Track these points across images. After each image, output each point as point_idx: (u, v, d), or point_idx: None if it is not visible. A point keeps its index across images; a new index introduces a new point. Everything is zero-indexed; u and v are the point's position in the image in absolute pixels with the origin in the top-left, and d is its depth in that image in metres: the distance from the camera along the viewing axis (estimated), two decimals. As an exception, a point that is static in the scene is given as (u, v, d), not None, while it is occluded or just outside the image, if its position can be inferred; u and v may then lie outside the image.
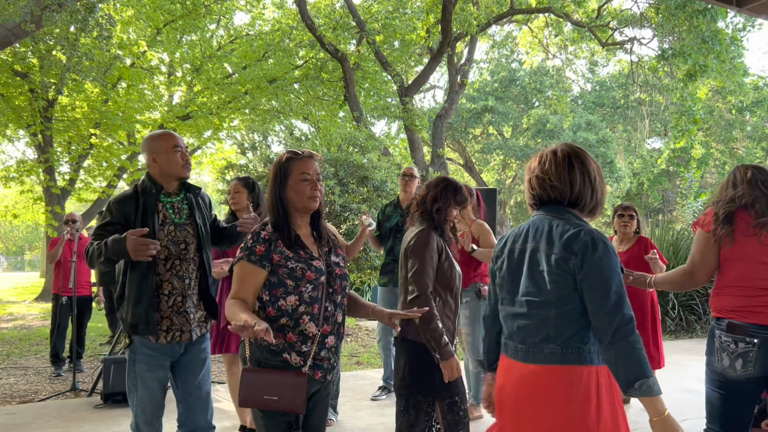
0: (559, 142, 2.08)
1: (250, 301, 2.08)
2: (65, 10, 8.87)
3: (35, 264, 44.38)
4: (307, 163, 2.17)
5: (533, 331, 1.90)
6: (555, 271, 1.87)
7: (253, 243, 2.10)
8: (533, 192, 2.04)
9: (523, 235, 2.02)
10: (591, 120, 24.35)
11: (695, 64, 11.13)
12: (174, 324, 2.65)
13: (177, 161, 2.69)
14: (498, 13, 14.15)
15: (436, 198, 2.82)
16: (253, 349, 2.07)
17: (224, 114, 15.85)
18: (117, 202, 2.65)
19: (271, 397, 1.97)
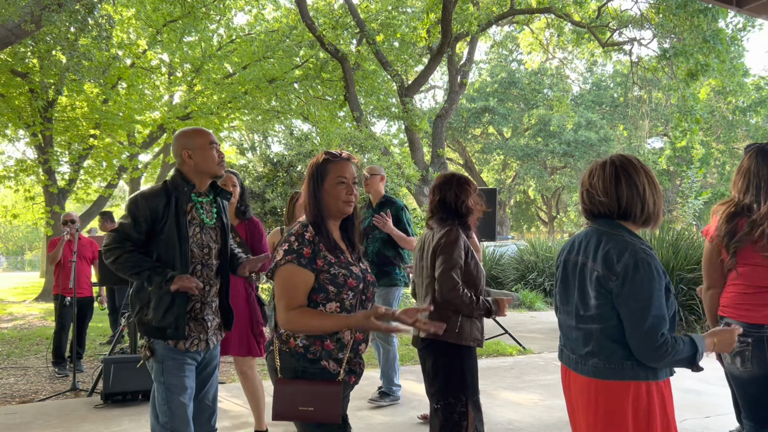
0: (612, 154, 2.09)
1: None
2: (65, 10, 8.87)
3: (35, 264, 44.37)
4: (344, 166, 2.10)
5: (580, 344, 1.96)
6: (596, 288, 1.90)
7: (299, 245, 1.99)
8: (585, 206, 2.06)
9: (576, 247, 2.04)
10: (592, 119, 24.34)
11: (696, 63, 11.12)
12: (192, 331, 2.53)
13: (213, 158, 2.58)
14: (498, 14, 14.15)
15: (457, 194, 2.90)
16: (287, 359, 1.99)
17: (224, 114, 15.85)
18: (145, 198, 2.49)
19: (306, 408, 1.92)
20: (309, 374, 1.96)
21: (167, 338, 2.46)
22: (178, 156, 2.58)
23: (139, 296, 2.53)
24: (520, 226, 35.20)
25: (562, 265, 2.10)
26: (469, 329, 2.82)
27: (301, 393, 1.92)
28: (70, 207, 19.97)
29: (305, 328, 1.94)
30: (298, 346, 1.97)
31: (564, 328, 2.06)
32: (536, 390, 5.37)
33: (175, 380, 2.47)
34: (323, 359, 1.98)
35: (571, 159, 24.34)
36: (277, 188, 8.16)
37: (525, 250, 13.70)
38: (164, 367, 2.47)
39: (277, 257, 2.01)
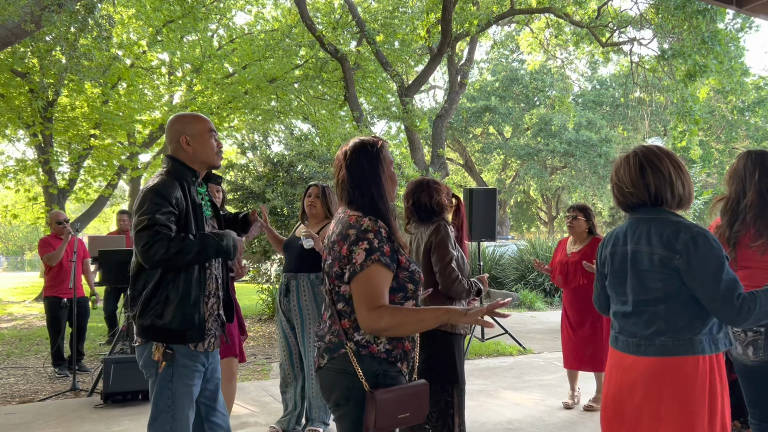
0: (635, 146, 2.15)
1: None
2: (65, 10, 8.87)
3: (35, 264, 44.32)
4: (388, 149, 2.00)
5: (643, 326, 2.01)
6: (660, 270, 1.97)
7: (380, 243, 1.83)
8: (617, 200, 2.14)
9: (622, 237, 2.12)
10: (592, 119, 24.34)
11: (695, 64, 11.13)
12: (210, 329, 2.36)
13: (213, 147, 2.40)
14: (498, 14, 14.15)
15: (430, 195, 3.11)
16: (368, 363, 1.84)
17: (224, 114, 15.86)
18: (167, 187, 2.24)
19: (404, 414, 1.84)
20: (389, 377, 1.86)
21: (188, 341, 2.26)
22: (174, 142, 2.36)
23: (154, 300, 2.26)
24: (520, 226, 35.21)
25: (609, 259, 2.16)
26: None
27: (398, 401, 1.82)
28: (70, 207, 19.96)
29: (396, 326, 1.79)
30: (380, 352, 1.86)
31: (619, 316, 2.11)
32: (536, 390, 5.38)
33: (183, 389, 2.28)
34: (400, 361, 1.90)
35: (572, 159, 24.35)
36: (277, 188, 8.16)
37: (525, 250, 13.71)
38: (175, 374, 2.27)
39: (356, 260, 1.82)
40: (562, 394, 5.13)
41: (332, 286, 1.93)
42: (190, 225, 2.28)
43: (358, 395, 1.83)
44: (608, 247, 2.18)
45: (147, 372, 2.32)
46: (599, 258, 2.25)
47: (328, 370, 1.89)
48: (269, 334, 8.56)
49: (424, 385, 1.92)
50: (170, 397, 2.26)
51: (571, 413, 4.65)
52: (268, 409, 4.71)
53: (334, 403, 1.89)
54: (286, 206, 7.98)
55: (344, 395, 1.85)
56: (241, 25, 17.34)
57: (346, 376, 1.85)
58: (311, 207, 3.96)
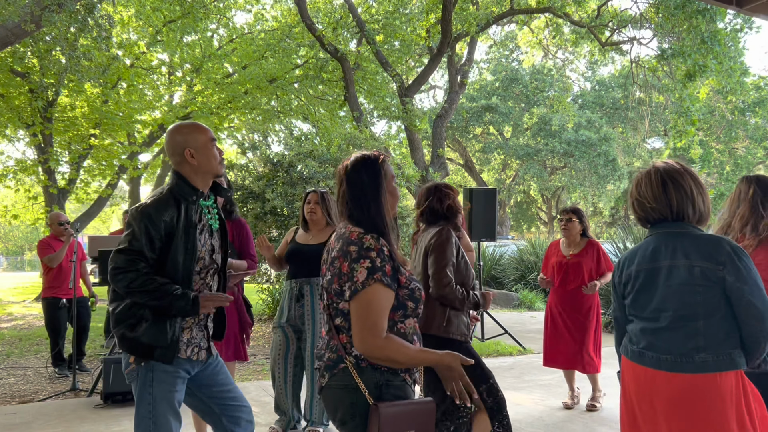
0: (655, 162, 2.17)
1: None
2: (65, 11, 8.87)
3: (35, 264, 44.31)
4: (390, 164, 1.99)
5: (680, 342, 1.98)
6: (702, 282, 1.96)
7: (382, 262, 1.81)
8: (638, 215, 2.15)
9: (650, 254, 2.10)
10: (592, 118, 24.34)
11: (695, 64, 11.13)
12: (194, 338, 2.36)
13: (216, 156, 2.37)
14: (498, 13, 14.15)
15: (440, 199, 3.08)
16: (369, 373, 1.82)
17: (224, 114, 15.86)
18: (157, 210, 2.23)
19: (409, 430, 1.81)
20: (393, 387, 1.84)
21: (155, 358, 2.23)
22: (178, 155, 2.34)
23: (130, 312, 2.26)
24: (520, 226, 35.20)
25: (634, 276, 2.13)
26: (456, 324, 2.96)
27: (402, 416, 1.80)
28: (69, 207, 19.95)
29: (392, 360, 1.79)
30: (379, 364, 1.85)
31: (646, 333, 2.08)
32: (536, 390, 5.38)
33: (163, 394, 2.25)
34: (402, 371, 1.88)
35: (571, 159, 24.35)
36: (277, 188, 8.15)
37: (525, 250, 13.73)
38: (155, 378, 2.25)
39: (357, 278, 1.80)
40: (562, 394, 5.13)
41: (330, 302, 1.91)
42: (178, 245, 2.26)
43: (362, 410, 1.81)
44: (631, 266, 2.16)
45: (128, 377, 2.32)
46: (619, 278, 2.22)
47: (330, 388, 1.87)
48: (269, 334, 8.56)
49: (430, 403, 1.87)
50: (150, 403, 2.25)
51: (571, 413, 4.65)
52: (268, 409, 4.71)
53: (340, 422, 1.86)
54: (286, 206, 7.97)
55: (349, 412, 1.83)
56: (241, 25, 17.35)
57: (348, 391, 1.83)
58: (311, 213, 3.94)
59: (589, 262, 4.68)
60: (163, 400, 2.25)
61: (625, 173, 23.98)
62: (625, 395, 2.17)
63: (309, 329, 3.88)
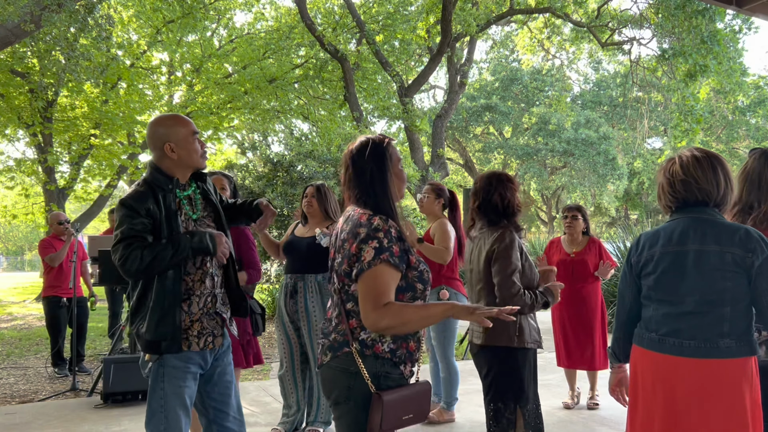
0: (691, 147, 2.19)
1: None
2: (65, 10, 8.87)
3: (35, 264, 44.35)
4: (395, 146, 2.00)
5: (706, 328, 2.00)
6: (732, 268, 1.99)
7: (389, 243, 1.82)
8: (677, 195, 2.13)
9: (677, 237, 2.10)
10: (591, 117, 24.34)
11: (695, 64, 11.14)
12: (205, 328, 2.34)
13: (197, 150, 2.35)
14: (498, 13, 14.16)
15: (501, 194, 2.78)
16: (371, 363, 1.83)
17: (224, 114, 15.86)
18: (136, 200, 2.24)
19: (408, 415, 1.85)
20: (390, 379, 1.85)
21: (162, 351, 2.25)
22: (158, 149, 2.31)
23: (139, 309, 2.31)
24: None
25: (658, 258, 2.12)
26: (528, 330, 2.74)
27: (402, 402, 1.82)
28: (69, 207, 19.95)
29: (399, 323, 1.77)
30: (384, 351, 1.85)
31: (670, 318, 2.08)
32: (536, 390, 5.37)
33: (173, 389, 2.27)
34: (403, 363, 1.89)
35: (571, 158, 24.35)
36: (277, 188, 8.16)
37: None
38: (166, 373, 2.27)
39: (365, 257, 1.80)
40: (562, 394, 5.13)
41: (341, 285, 1.92)
42: (162, 233, 2.27)
43: (358, 395, 1.83)
44: (653, 247, 2.14)
45: (144, 371, 2.35)
46: (638, 257, 2.20)
47: (330, 367, 1.89)
48: (269, 334, 8.56)
49: (426, 384, 1.91)
50: (162, 397, 2.26)
51: (571, 413, 4.65)
52: (268, 409, 4.71)
53: (334, 402, 1.89)
54: (286, 206, 7.98)
55: (345, 394, 1.85)
56: (241, 25, 17.35)
57: (347, 374, 1.85)
58: (308, 206, 3.95)
59: (593, 259, 4.70)
60: (174, 395, 2.27)
61: (625, 173, 23.98)
62: (637, 387, 2.15)
63: (305, 326, 3.87)
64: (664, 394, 2.06)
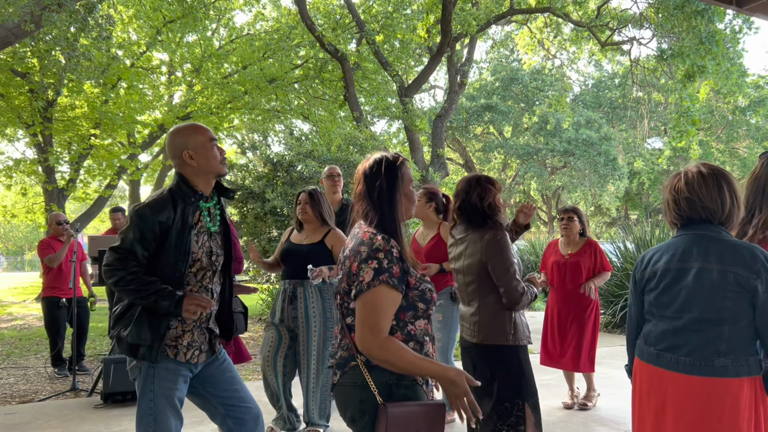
0: (697, 162, 2.17)
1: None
2: (65, 10, 8.87)
3: (35, 264, 44.35)
4: (408, 167, 2.01)
5: (703, 346, 1.99)
6: (734, 288, 1.96)
7: (389, 263, 1.81)
8: (682, 213, 2.12)
9: (679, 254, 2.09)
10: (592, 117, 24.33)
11: (693, 65, 11.14)
12: (195, 341, 2.36)
13: (216, 156, 2.37)
14: (498, 13, 14.16)
15: (481, 195, 2.83)
16: (379, 373, 1.83)
17: (224, 114, 15.87)
18: (153, 210, 2.25)
19: (417, 431, 1.81)
20: (402, 387, 1.84)
21: (139, 357, 2.26)
22: (177, 158, 2.35)
23: (126, 314, 2.32)
24: (520, 226, 35.14)
25: (660, 274, 2.12)
26: (522, 328, 2.78)
27: (411, 416, 1.79)
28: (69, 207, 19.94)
29: (395, 361, 1.77)
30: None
31: (671, 333, 2.07)
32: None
33: (163, 391, 2.28)
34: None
35: (572, 158, 24.35)
36: (277, 188, 8.15)
37: (525, 250, 13.73)
38: (156, 374, 2.27)
39: (364, 278, 1.81)
40: (562, 394, 5.13)
41: (342, 302, 1.93)
42: (170, 246, 2.27)
43: (371, 408, 1.82)
44: (657, 264, 2.14)
45: (131, 373, 2.37)
46: (642, 273, 2.21)
47: (341, 385, 1.89)
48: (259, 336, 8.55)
49: (439, 404, 1.86)
50: (152, 399, 2.27)
51: (571, 413, 4.66)
52: (267, 408, 4.71)
53: (350, 419, 1.88)
54: (286, 206, 7.98)
55: (359, 409, 1.84)
56: (241, 25, 17.36)
57: (357, 388, 1.84)
58: (303, 213, 3.92)
59: (587, 262, 4.69)
60: (164, 397, 2.27)
61: (625, 173, 23.97)
62: (637, 396, 2.16)
63: (303, 331, 3.87)
64: (656, 406, 2.06)
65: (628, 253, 9.38)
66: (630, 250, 9.48)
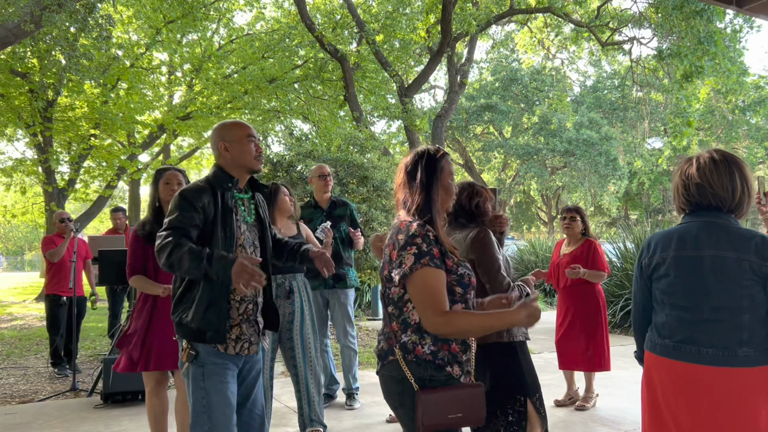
0: (710, 148, 2.13)
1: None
2: (65, 10, 8.87)
3: (35, 264, 44.37)
4: (451, 162, 2.08)
5: (724, 336, 1.96)
6: (749, 276, 1.94)
7: (428, 246, 1.89)
8: (691, 199, 2.09)
9: (691, 241, 2.05)
10: (593, 117, 24.33)
11: (691, 65, 11.14)
12: (243, 334, 2.37)
13: (251, 151, 2.43)
14: (498, 13, 14.16)
15: (470, 196, 2.91)
16: (414, 368, 1.89)
17: (224, 114, 15.87)
18: (192, 194, 2.30)
19: (455, 414, 1.86)
20: (436, 382, 1.89)
21: (207, 341, 2.27)
22: (215, 149, 2.45)
23: (185, 297, 2.33)
24: (520, 226, 35.20)
25: (671, 262, 2.07)
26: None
27: (447, 400, 1.86)
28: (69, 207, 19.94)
29: (467, 328, 1.85)
30: (425, 354, 1.89)
31: (685, 324, 2.03)
32: (536, 390, 5.37)
33: (217, 386, 2.28)
34: (449, 365, 1.92)
35: (572, 158, 24.35)
36: (276, 188, 8.15)
37: (525, 250, 13.73)
38: (205, 372, 2.28)
39: (405, 263, 1.88)
40: (562, 395, 5.13)
41: (384, 290, 2.00)
42: (217, 229, 2.32)
43: (409, 399, 1.90)
44: (666, 250, 2.09)
45: (183, 374, 2.37)
46: (649, 259, 2.16)
47: (382, 375, 1.99)
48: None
49: (477, 386, 1.92)
50: (204, 397, 2.27)
51: (571, 413, 4.66)
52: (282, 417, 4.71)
53: (392, 406, 1.99)
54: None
55: (398, 400, 1.94)
56: (241, 25, 17.36)
57: (396, 381, 1.93)
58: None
59: (581, 261, 4.67)
60: (217, 393, 2.27)
61: (625, 173, 23.98)
62: (653, 391, 2.11)
63: (297, 326, 3.86)
64: (687, 403, 2.01)
65: (628, 253, 9.38)
66: (630, 250, 9.48)
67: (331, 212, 4.71)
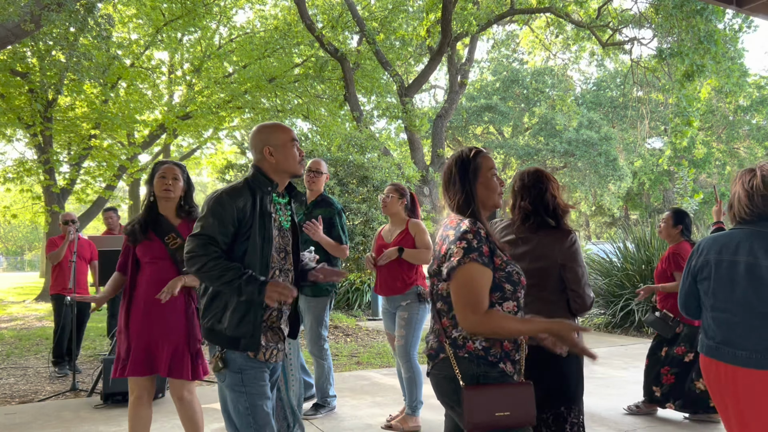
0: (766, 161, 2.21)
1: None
2: (65, 10, 8.87)
3: (35, 264, 44.40)
4: (491, 158, 2.11)
5: (756, 339, 2.04)
6: None
7: (479, 243, 1.89)
8: (755, 209, 2.15)
9: (733, 247, 2.15)
10: (593, 118, 24.32)
11: (692, 64, 11.13)
12: (269, 341, 2.36)
13: (295, 156, 2.41)
14: (498, 13, 14.15)
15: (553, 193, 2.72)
16: (466, 365, 1.89)
17: (224, 113, 15.86)
18: (230, 197, 2.28)
19: (503, 413, 1.84)
20: (490, 379, 1.87)
21: (241, 349, 2.26)
22: (259, 152, 2.40)
23: (214, 303, 2.30)
24: (520, 226, 35.14)
25: (714, 265, 2.18)
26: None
27: (495, 398, 1.84)
28: (69, 207, 19.94)
29: (501, 331, 1.86)
30: (477, 350, 1.88)
31: (722, 326, 2.13)
32: (536, 390, 5.36)
33: (257, 389, 2.29)
34: (502, 361, 1.90)
35: (572, 158, 24.34)
36: (277, 188, 8.17)
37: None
38: (244, 378, 2.28)
39: (454, 257, 1.89)
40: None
41: (432, 286, 2.03)
42: (254, 233, 2.29)
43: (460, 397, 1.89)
44: (710, 254, 2.20)
45: (218, 378, 2.34)
46: (696, 261, 2.27)
47: (434, 375, 1.99)
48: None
49: (525, 384, 1.90)
50: (247, 400, 2.26)
51: (571, 413, 4.65)
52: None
53: (448, 406, 1.98)
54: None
55: (452, 398, 1.92)
56: (241, 24, 17.35)
57: (447, 380, 1.93)
58: None
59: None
60: (257, 395, 2.28)
61: (625, 173, 23.97)
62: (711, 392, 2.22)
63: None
64: (732, 402, 2.10)
65: (629, 253, 9.36)
66: (630, 250, 9.46)
67: (311, 210, 4.42)
